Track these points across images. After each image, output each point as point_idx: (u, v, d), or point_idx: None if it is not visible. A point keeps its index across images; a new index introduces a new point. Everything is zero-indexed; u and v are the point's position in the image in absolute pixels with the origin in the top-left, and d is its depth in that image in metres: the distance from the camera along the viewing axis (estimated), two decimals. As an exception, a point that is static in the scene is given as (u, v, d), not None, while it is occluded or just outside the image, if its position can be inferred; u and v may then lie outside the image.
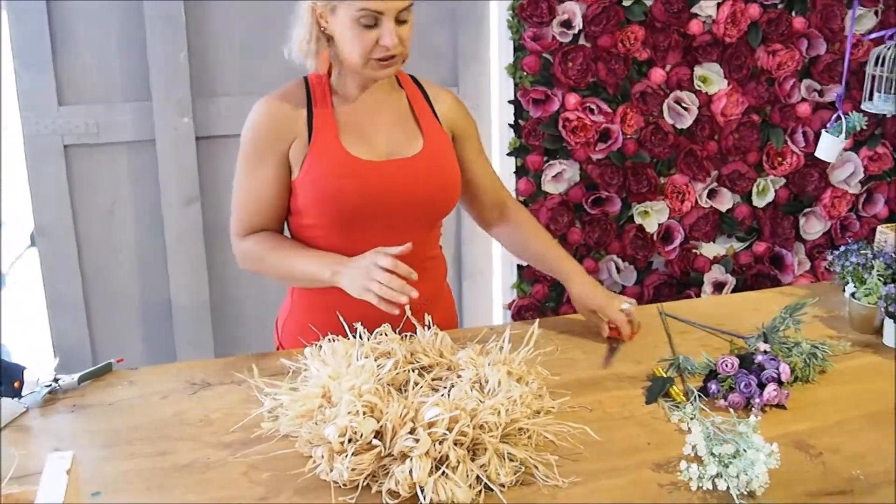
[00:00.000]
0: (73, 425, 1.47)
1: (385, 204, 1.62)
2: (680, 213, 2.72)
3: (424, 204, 1.66)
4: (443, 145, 1.70)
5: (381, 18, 1.52)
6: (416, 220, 1.66)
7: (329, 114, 1.64)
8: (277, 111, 1.63)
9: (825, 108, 2.74)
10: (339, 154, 1.61)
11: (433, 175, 1.67)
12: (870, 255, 1.86)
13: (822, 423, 1.47)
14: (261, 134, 1.64)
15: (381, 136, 1.66)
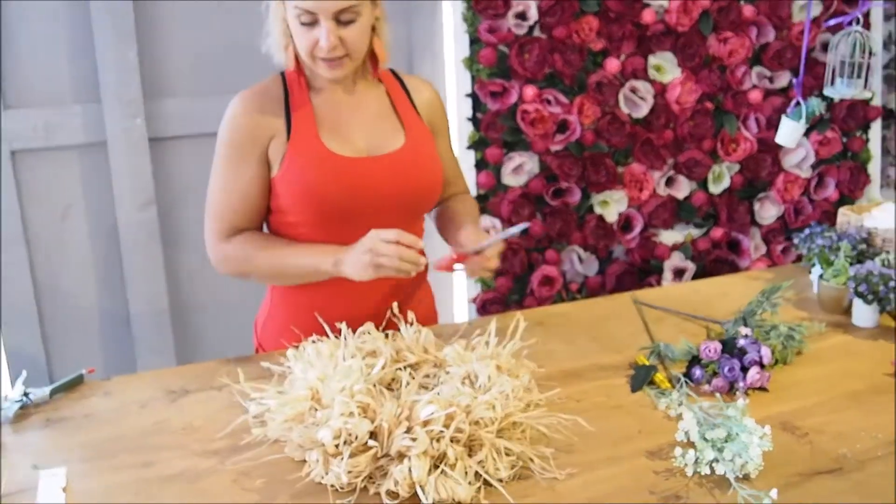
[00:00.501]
0: (50, 440, 1.41)
1: (367, 200, 1.59)
2: (639, 202, 2.75)
3: (406, 199, 1.64)
4: (424, 140, 1.69)
5: (318, 18, 1.50)
6: (399, 215, 1.64)
7: (307, 110, 1.61)
8: (255, 107, 1.60)
9: (775, 94, 2.80)
10: (318, 151, 1.58)
11: (415, 170, 1.65)
12: (834, 238, 1.90)
13: (804, 403, 1.50)
14: (240, 132, 1.60)
15: (360, 133, 1.64)
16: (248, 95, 1.62)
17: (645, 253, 2.79)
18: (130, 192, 2.44)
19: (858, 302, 1.78)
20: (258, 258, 1.62)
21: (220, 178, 1.63)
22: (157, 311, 2.54)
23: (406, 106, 1.70)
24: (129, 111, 2.39)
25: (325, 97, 1.64)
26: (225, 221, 1.63)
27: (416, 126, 1.69)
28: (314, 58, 1.54)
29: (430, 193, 1.70)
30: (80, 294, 2.52)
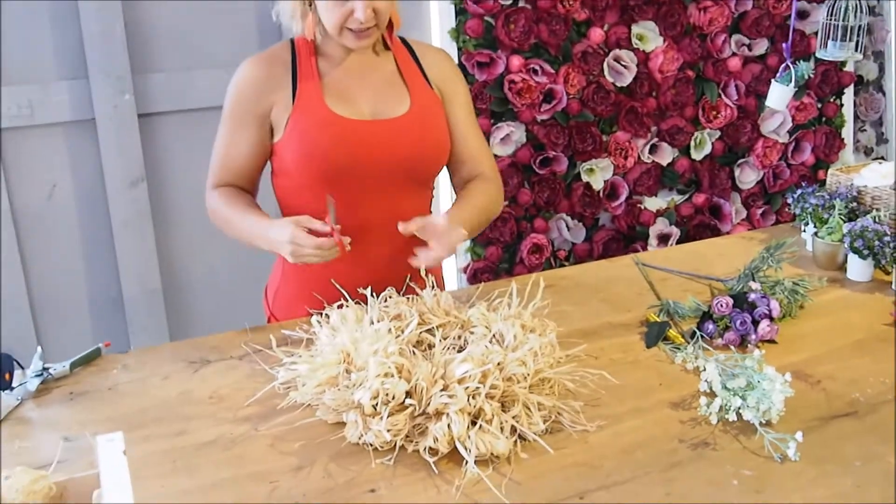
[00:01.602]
0: (76, 413, 1.41)
1: (369, 164, 1.60)
2: (624, 170, 2.79)
3: (410, 165, 1.65)
4: (431, 106, 1.69)
5: None
6: (404, 181, 1.65)
7: (314, 76, 1.62)
8: (261, 73, 1.62)
9: (754, 61, 2.85)
10: (322, 114, 1.60)
11: (419, 136, 1.65)
12: (827, 197, 1.96)
13: (812, 353, 1.56)
14: (243, 96, 1.63)
15: (366, 98, 1.65)
16: (256, 61, 1.64)
17: (630, 219, 2.84)
18: (120, 169, 2.41)
19: (853, 257, 1.84)
20: (223, 214, 1.65)
21: (220, 133, 1.68)
22: (150, 290, 2.53)
23: (414, 72, 1.70)
24: (118, 87, 2.36)
25: (334, 64, 1.65)
26: (215, 175, 1.69)
27: (422, 92, 1.68)
28: (342, 29, 1.55)
29: (434, 160, 1.70)
30: (71, 274, 2.49)
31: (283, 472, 1.24)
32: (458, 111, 1.74)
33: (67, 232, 2.47)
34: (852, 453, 1.26)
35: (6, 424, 1.38)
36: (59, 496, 1.02)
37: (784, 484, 1.19)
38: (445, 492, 1.19)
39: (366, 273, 1.64)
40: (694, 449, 1.28)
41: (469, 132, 1.75)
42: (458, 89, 1.75)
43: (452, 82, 1.75)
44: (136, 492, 0.96)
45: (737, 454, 1.26)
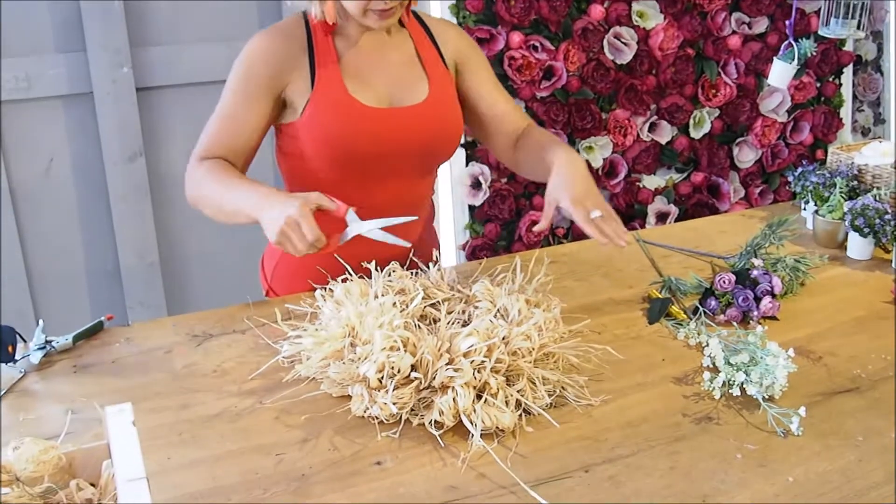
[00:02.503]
0: (80, 386, 1.41)
1: (388, 151, 1.59)
2: (623, 148, 2.79)
3: (425, 152, 1.64)
4: (447, 91, 1.66)
5: None
6: (415, 167, 1.65)
7: (332, 55, 1.58)
8: (277, 48, 1.56)
9: (754, 39, 2.85)
10: (344, 100, 1.56)
11: (436, 124, 1.63)
12: (827, 175, 1.96)
13: (814, 330, 1.56)
14: (256, 68, 1.56)
15: (384, 81, 1.61)
16: (271, 34, 1.58)
17: (629, 198, 2.84)
18: (118, 143, 2.40)
19: (854, 235, 1.84)
20: (205, 186, 1.53)
21: (224, 106, 1.58)
22: (148, 264, 2.52)
23: (430, 52, 1.66)
24: (116, 60, 2.34)
25: (350, 44, 1.60)
26: (207, 148, 1.57)
27: (439, 76, 1.65)
28: (365, 11, 1.49)
29: (449, 145, 1.68)
30: (68, 248, 2.49)
31: (288, 445, 1.24)
32: (481, 80, 1.71)
33: (65, 206, 2.46)
34: (854, 428, 1.27)
35: (10, 397, 1.38)
36: (67, 467, 1.02)
37: (787, 458, 1.21)
38: (451, 464, 1.20)
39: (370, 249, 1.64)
40: (697, 423, 1.29)
41: (496, 96, 1.72)
42: (476, 58, 1.72)
43: (469, 54, 1.71)
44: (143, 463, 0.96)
45: (740, 428, 1.27)
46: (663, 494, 1.13)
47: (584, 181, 1.49)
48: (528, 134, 1.68)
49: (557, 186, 1.48)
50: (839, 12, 1.88)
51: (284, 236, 1.39)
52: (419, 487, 1.15)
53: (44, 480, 0.99)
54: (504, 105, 1.72)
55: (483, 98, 1.71)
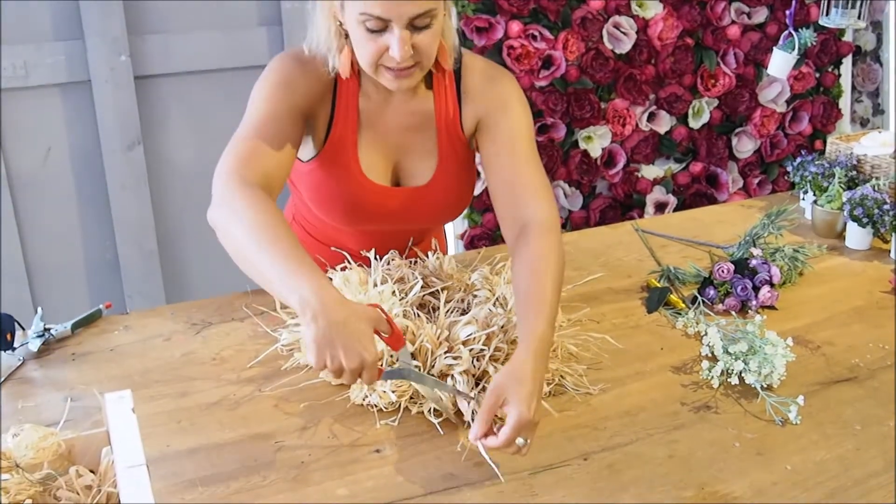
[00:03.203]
0: (79, 374, 1.41)
1: (386, 224, 1.56)
2: (622, 137, 2.79)
3: (425, 224, 1.63)
4: (455, 167, 1.52)
5: (389, 24, 1.27)
6: (417, 231, 1.65)
7: (353, 112, 1.46)
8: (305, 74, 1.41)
9: (753, 29, 2.84)
10: (352, 172, 1.47)
11: (438, 204, 1.55)
12: (826, 165, 1.96)
13: (812, 319, 1.57)
14: (294, 83, 1.41)
15: (394, 154, 1.51)
16: (300, 59, 1.42)
17: (627, 187, 2.84)
18: (116, 131, 2.39)
19: (853, 225, 1.84)
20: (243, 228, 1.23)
21: (257, 103, 1.39)
22: (146, 253, 2.52)
23: (449, 123, 1.49)
24: (114, 48, 2.33)
25: (372, 101, 1.47)
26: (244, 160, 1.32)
27: (452, 153, 1.51)
28: (378, 67, 1.33)
29: (449, 218, 1.64)
30: (67, 236, 2.48)
31: (287, 433, 1.25)
32: (495, 143, 1.46)
33: (63, 194, 2.45)
34: (852, 417, 1.28)
35: (9, 384, 1.38)
36: (67, 453, 1.02)
37: (785, 446, 1.21)
38: (450, 452, 1.20)
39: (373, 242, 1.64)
40: (696, 412, 1.29)
41: (506, 170, 1.44)
42: (507, 121, 1.46)
43: (497, 114, 1.47)
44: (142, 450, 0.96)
45: (738, 417, 1.27)
46: (661, 482, 1.14)
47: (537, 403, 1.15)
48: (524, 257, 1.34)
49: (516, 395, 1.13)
50: (839, 2, 1.88)
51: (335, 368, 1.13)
52: (418, 475, 1.16)
53: (43, 467, 0.99)
54: (505, 186, 1.44)
55: (487, 169, 1.48)
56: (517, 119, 1.47)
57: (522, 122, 1.47)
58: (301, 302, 1.13)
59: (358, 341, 1.12)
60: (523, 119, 1.48)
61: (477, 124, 1.50)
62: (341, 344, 1.11)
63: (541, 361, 1.18)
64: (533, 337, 1.20)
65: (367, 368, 1.12)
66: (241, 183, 1.27)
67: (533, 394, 1.13)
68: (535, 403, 1.13)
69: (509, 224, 1.43)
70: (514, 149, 1.44)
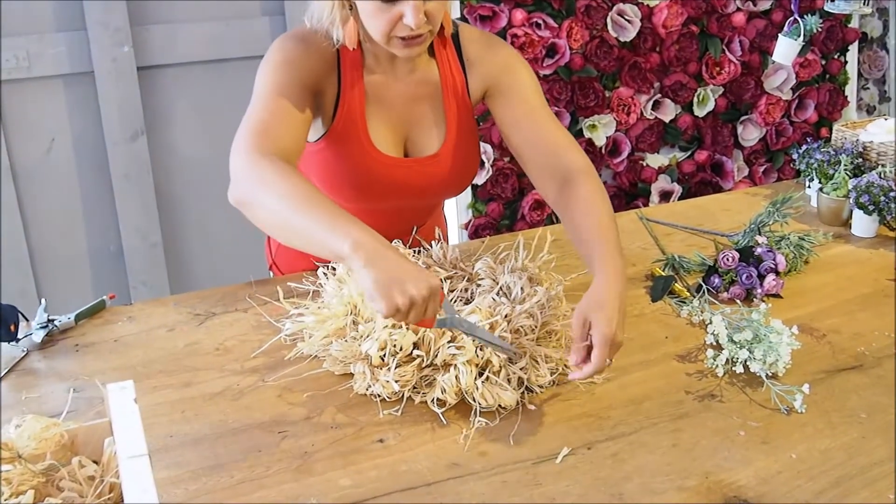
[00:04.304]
0: (83, 364, 1.41)
1: (396, 197, 1.55)
2: (626, 126, 2.78)
3: (435, 196, 1.62)
4: (464, 137, 1.54)
5: None
6: (427, 203, 1.66)
7: (359, 86, 1.46)
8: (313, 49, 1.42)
9: (759, 16, 2.83)
10: (362, 145, 1.48)
11: (448, 174, 1.55)
12: (832, 152, 1.95)
13: (818, 307, 1.56)
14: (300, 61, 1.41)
15: (403, 126, 1.52)
16: (302, 38, 1.42)
17: (632, 176, 2.83)
18: (120, 122, 2.39)
19: (858, 213, 1.83)
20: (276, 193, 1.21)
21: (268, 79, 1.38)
22: (150, 243, 2.52)
23: (456, 86, 1.51)
24: (116, 39, 2.33)
25: (377, 74, 1.48)
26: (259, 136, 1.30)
27: (458, 120, 1.52)
28: (389, 38, 1.33)
29: (458, 189, 1.63)
30: (71, 227, 2.48)
31: (291, 423, 1.24)
32: (513, 104, 1.48)
33: (67, 185, 2.45)
34: (857, 405, 1.27)
35: (12, 375, 1.38)
36: (70, 444, 1.02)
37: (790, 435, 1.20)
38: (453, 442, 1.20)
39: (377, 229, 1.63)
40: (701, 401, 1.29)
41: (534, 126, 1.46)
42: (510, 83, 1.49)
43: (501, 79, 1.50)
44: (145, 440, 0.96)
45: (743, 406, 1.27)
46: (665, 471, 1.13)
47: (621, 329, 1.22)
48: (573, 203, 1.38)
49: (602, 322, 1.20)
50: (845, -13, 1.86)
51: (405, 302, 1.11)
52: (421, 465, 1.15)
53: (46, 458, 0.98)
54: (537, 141, 1.46)
55: (511, 131, 1.49)
56: (525, 79, 1.50)
57: (530, 81, 1.50)
58: (354, 247, 1.12)
59: (419, 270, 1.13)
60: (532, 80, 1.51)
61: (485, 92, 1.52)
62: (406, 277, 1.11)
63: (617, 285, 1.24)
64: (605, 264, 1.27)
65: (433, 297, 1.13)
66: (263, 156, 1.26)
67: (613, 316, 1.20)
68: (616, 323, 1.20)
69: (547, 179, 1.45)
70: (531, 108, 1.47)
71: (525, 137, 1.47)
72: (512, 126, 1.49)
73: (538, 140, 1.45)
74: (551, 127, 1.47)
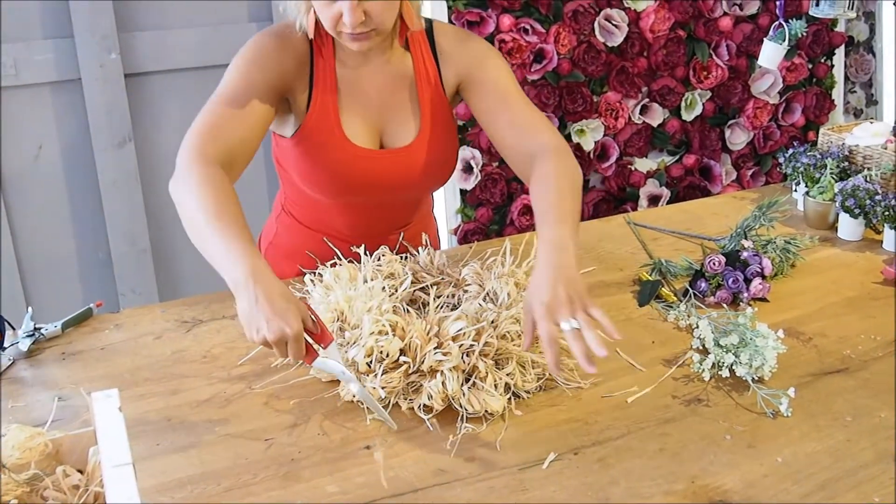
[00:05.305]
0: (69, 373, 1.40)
1: (373, 190, 1.56)
2: (614, 130, 2.78)
3: (413, 189, 1.61)
4: (438, 128, 1.56)
5: None
6: (407, 198, 1.65)
7: (331, 79, 1.49)
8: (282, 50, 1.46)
9: (745, 21, 2.84)
10: (336, 136, 1.50)
11: (424, 165, 1.56)
12: (818, 156, 1.96)
13: (804, 311, 1.56)
14: (264, 61, 1.44)
15: (377, 116, 1.54)
16: (276, 35, 1.47)
17: (621, 181, 2.83)
18: (107, 129, 2.39)
19: (844, 216, 1.84)
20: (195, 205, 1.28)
21: (221, 95, 1.41)
22: (139, 250, 2.51)
23: (430, 79, 1.54)
24: (104, 46, 2.32)
25: (349, 67, 1.51)
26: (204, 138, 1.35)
27: (433, 112, 1.54)
28: (338, 32, 1.38)
29: (438, 181, 1.64)
30: (59, 235, 2.48)
31: (278, 430, 1.24)
32: (486, 95, 1.51)
33: (55, 192, 2.45)
34: (843, 408, 1.27)
35: (2, 383, 1.38)
36: (54, 453, 1.02)
37: (776, 438, 1.21)
38: (440, 448, 1.20)
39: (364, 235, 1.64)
40: (687, 405, 1.29)
41: (506, 114, 1.50)
42: (487, 72, 1.52)
43: (473, 73, 1.53)
44: (131, 449, 0.96)
45: (729, 410, 1.27)
46: (652, 476, 1.14)
47: (561, 285, 1.20)
48: (535, 179, 1.40)
49: (531, 294, 1.22)
50: (829, -8, 1.88)
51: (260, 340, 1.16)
52: (408, 471, 1.15)
53: (30, 467, 0.98)
54: (510, 129, 1.49)
55: (486, 120, 1.52)
56: (498, 69, 1.53)
57: (504, 70, 1.53)
58: (234, 280, 1.18)
59: (280, 316, 1.15)
60: (504, 68, 1.53)
61: (459, 85, 1.55)
62: (264, 317, 1.15)
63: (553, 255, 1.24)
64: (543, 235, 1.28)
65: (290, 341, 1.15)
66: (201, 159, 1.32)
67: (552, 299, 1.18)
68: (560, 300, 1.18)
69: (520, 161, 1.47)
70: (503, 95, 1.50)
71: (500, 125, 1.50)
72: (488, 115, 1.52)
73: (512, 125, 1.49)
74: (525, 110, 1.50)
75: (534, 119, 1.49)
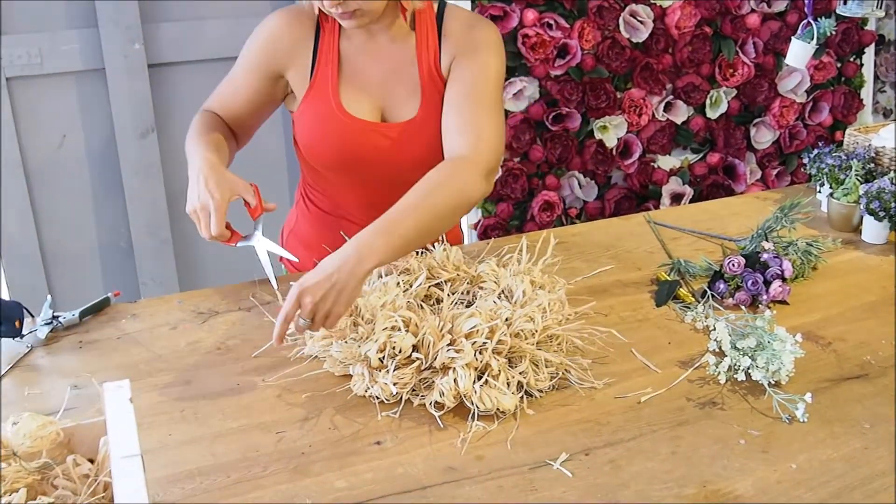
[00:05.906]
0: (85, 361, 1.41)
1: (372, 164, 1.58)
2: (638, 127, 2.76)
3: (412, 166, 1.57)
4: (438, 106, 1.55)
5: None
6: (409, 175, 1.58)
7: (334, 59, 1.55)
8: (283, 31, 1.55)
9: (773, 18, 2.80)
10: (334, 107, 1.55)
11: (424, 142, 1.57)
12: (843, 157, 1.93)
13: (824, 315, 1.54)
14: (260, 47, 1.57)
15: (379, 92, 1.57)
16: (282, 16, 1.57)
17: (643, 178, 2.81)
18: (130, 119, 2.40)
19: (869, 219, 1.81)
20: (190, 131, 1.56)
21: (232, 71, 1.63)
22: (160, 240, 2.53)
23: (431, 61, 1.55)
24: (128, 36, 2.33)
25: (353, 41, 1.56)
26: (210, 102, 1.66)
27: (433, 92, 1.55)
28: (330, 10, 1.43)
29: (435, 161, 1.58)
30: (81, 224, 2.50)
31: (289, 423, 1.24)
32: (453, 87, 1.52)
33: (78, 182, 2.46)
34: (861, 415, 1.25)
35: (16, 371, 1.39)
36: (66, 442, 1.03)
37: (791, 444, 1.19)
38: (450, 445, 1.19)
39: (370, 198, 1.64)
40: (701, 408, 1.27)
41: (463, 111, 1.50)
42: (472, 63, 1.52)
43: (464, 57, 1.53)
44: (142, 439, 0.96)
45: (744, 414, 1.26)
46: (663, 479, 1.12)
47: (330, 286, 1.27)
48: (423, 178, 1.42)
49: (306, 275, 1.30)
50: (858, -10, 1.84)
51: (195, 217, 1.42)
52: (418, 467, 1.15)
53: (41, 455, 0.99)
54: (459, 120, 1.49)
55: (445, 107, 1.53)
56: (484, 64, 1.52)
57: (490, 68, 1.52)
58: (192, 169, 1.44)
59: (209, 190, 1.39)
60: (492, 66, 1.52)
61: (450, 66, 1.55)
62: (196, 189, 1.41)
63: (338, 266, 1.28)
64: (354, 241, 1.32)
65: (212, 211, 1.39)
66: (203, 111, 1.63)
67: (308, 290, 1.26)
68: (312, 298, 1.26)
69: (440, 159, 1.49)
70: (467, 93, 1.50)
71: (448, 118, 1.51)
72: (446, 104, 1.53)
73: (454, 122, 1.50)
74: (475, 114, 1.48)
75: (475, 125, 1.48)
